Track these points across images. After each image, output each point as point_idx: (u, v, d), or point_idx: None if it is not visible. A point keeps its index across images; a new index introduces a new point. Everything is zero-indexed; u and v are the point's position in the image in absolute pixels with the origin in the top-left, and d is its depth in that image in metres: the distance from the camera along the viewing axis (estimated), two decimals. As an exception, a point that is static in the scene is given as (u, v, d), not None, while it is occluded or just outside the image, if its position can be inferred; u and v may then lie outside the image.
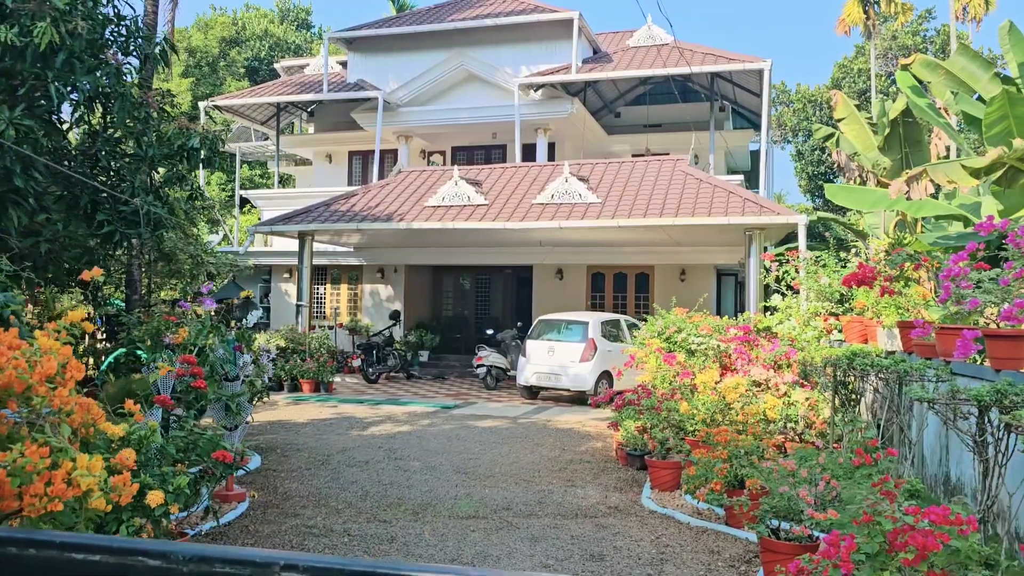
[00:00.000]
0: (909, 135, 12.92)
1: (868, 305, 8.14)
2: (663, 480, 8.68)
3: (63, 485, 2.44)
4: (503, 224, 16.19)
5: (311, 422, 13.21)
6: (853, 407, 8.79)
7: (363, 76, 23.17)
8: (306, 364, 16.96)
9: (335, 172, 25.97)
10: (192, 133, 6.97)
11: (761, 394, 10.27)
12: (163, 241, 7.79)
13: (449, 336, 23.79)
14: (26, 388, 2.57)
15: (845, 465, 6.18)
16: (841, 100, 14.68)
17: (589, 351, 15.55)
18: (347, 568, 1.09)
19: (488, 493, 8.40)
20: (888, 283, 7.32)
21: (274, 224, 18.19)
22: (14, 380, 2.57)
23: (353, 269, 23.26)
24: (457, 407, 15.09)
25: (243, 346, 7.68)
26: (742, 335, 11.74)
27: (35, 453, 2.44)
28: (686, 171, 17.08)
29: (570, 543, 6.65)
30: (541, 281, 22.05)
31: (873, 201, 10.28)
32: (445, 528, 7.03)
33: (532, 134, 21.88)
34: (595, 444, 11.62)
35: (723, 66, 19.61)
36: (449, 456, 10.39)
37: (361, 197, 18.75)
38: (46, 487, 2.44)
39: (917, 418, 7.33)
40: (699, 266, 20.45)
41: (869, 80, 35.25)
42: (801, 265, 13.13)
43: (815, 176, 37.61)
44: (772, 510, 5.82)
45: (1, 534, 1.18)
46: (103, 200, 6.64)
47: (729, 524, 7.22)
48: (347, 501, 7.94)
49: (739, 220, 14.66)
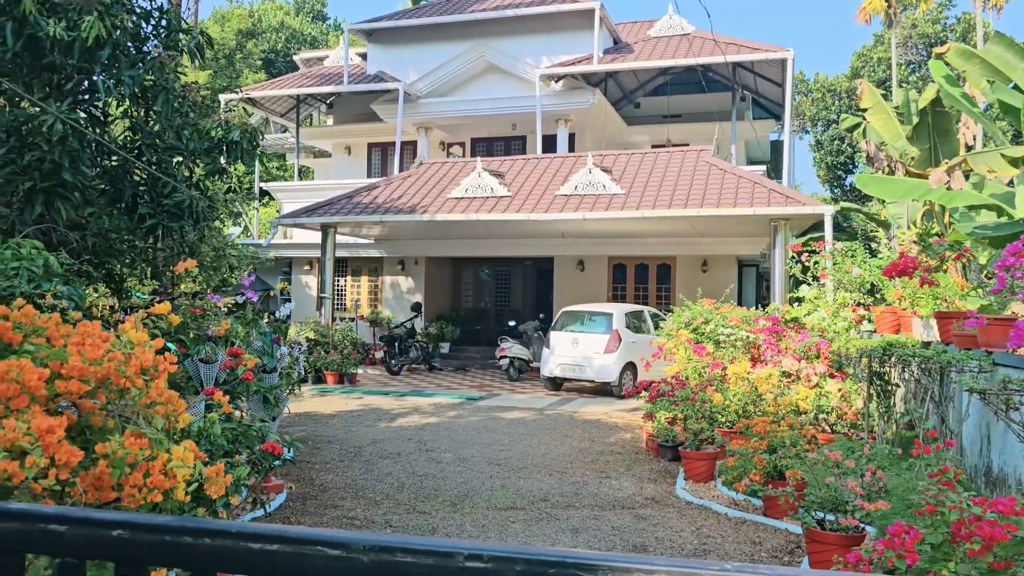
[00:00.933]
0: (938, 125, 12.79)
1: (905, 295, 8.08)
2: (697, 471, 8.67)
3: (161, 476, 2.46)
4: (527, 216, 16.18)
5: (338, 414, 13.27)
6: (888, 398, 8.75)
7: (383, 68, 23.17)
8: (330, 356, 17.03)
9: (354, 164, 26.00)
10: (232, 126, 7.00)
11: (792, 385, 10.25)
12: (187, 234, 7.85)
13: (469, 328, 23.82)
14: (122, 380, 2.60)
15: (891, 456, 6.15)
16: (867, 89, 14.55)
17: (614, 342, 15.54)
18: (534, 557, 1.10)
19: (523, 484, 8.42)
20: (927, 273, 7.28)
21: (297, 216, 18.24)
22: (112, 373, 2.59)
23: (373, 261, 23.31)
24: (482, 398, 15.13)
25: (280, 338, 7.71)
26: (770, 326, 11.69)
27: (135, 444, 2.46)
28: (710, 162, 17.01)
29: (611, 534, 6.66)
30: (562, 272, 22.03)
31: (905, 190, 10.19)
32: (485, 519, 7.05)
33: (552, 125, 21.83)
34: (624, 435, 11.62)
35: (746, 55, 19.49)
36: (480, 447, 10.42)
37: (383, 189, 18.78)
38: (145, 478, 2.46)
39: (957, 408, 7.28)
40: (721, 257, 20.38)
41: (889, 70, 34.96)
42: (829, 256, 13.06)
43: (834, 166, 37.35)
44: (818, 501, 5.80)
45: (175, 523, 1.19)
46: (143, 194, 6.68)
47: (767, 515, 7.21)
48: (384, 492, 7.98)
49: (765, 211, 14.59)
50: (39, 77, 6.21)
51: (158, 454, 2.53)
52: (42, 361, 2.63)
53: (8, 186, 5.70)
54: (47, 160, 5.57)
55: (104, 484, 2.41)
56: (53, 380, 2.52)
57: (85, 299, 4.49)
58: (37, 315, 2.91)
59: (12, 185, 5.67)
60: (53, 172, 5.63)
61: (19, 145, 5.69)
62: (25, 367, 2.42)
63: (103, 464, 2.42)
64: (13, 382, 2.36)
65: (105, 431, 2.60)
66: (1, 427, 2.19)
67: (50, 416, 2.38)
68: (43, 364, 2.60)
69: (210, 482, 2.66)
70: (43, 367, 2.52)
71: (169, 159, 6.79)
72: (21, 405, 2.37)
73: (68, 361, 2.58)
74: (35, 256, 3.95)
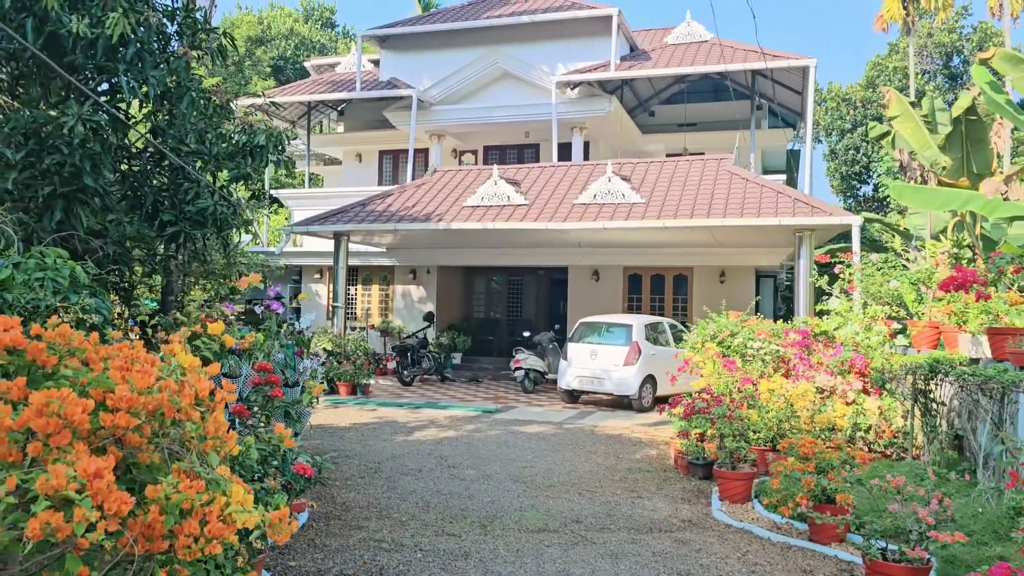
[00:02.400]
0: (972, 133, 12.48)
1: (956, 311, 7.76)
2: (734, 492, 8.33)
3: (220, 523, 2.15)
4: (545, 225, 15.87)
5: (353, 427, 12.96)
6: (933, 417, 8.42)
7: (396, 74, 22.92)
8: (343, 366, 16.71)
9: (365, 171, 25.74)
10: (258, 130, 6.70)
11: (826, 401, 9.91)
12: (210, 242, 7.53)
13: (481, 338, 23.51)
14: (175, 413, 2.29)
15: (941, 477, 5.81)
16: (895, 97, 14.25)
17: (633, 355, 15.20)
18: None
19: (553, 504, 8.09)
20: (983, 287, 6.96)
21: (310, 224, 17.95)
22: (164, 404, 2.28)
23: (384, 270, 23.01)
24: (499, 411, 14.79)
25: (304, 351, 7.40)
26: (800, 340, 11.36)
27: (191, 487, 2.15)
28: (731, 171, 16.70)
29: (653, 560, 6.32)
30: (576, 282, 21.70)
31: (943, 200, 9.88)
32: (518, 543, 6.72)
33: (567, 133, 21.55)
34: (650, 452, 11.28)
35: (767, 63, 19.20)
36: (503, 464, 10.09)
37: (397, 197, 18.49)
38: (202, 526, 2.14)
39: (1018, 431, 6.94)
40: (739, 268, 20.04)
41: (905, 79, 34.64)
42: (859, 267, 12.74)
43: (848, 176, 36.99)
44: (881, 531, 5.47)
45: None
46: (164, 199, 6.38)
47: (814, 540, 6.87)
48: (409, 512, 7.65)
49: (790, 221, 14.26)
50: (57, 77, 5.92)
51: (215, 497, 2.22)
52: (82, 389, 2.32)
53: (26, 191, 5.40)
54: (68, 164, 5.27)
55: (155, 533, 2.09)
56: (97, 411, 2.21)
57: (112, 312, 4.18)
58: (73, 334, 2.61)
59: (31, 190, 5.37)
60: (73, 176, 5.33)
61: (38, 148, 5.40)
62: (68, 399, 2.11)
63: (155, 510, 2.11)
64: (54, 416, 2.06)
65: (153, 469, 2.29)
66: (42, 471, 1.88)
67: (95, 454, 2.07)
68: (83, 392, 2.29)
69: (275, 529, 2.34)
70: (83, 395, 2.21)
71: (192, 164, 6.50)
72: (63, 442, 2.06)
73: (114, 390, 2.28)
74: (60, 266, 3.65)
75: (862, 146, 36.62)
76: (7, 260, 3.58)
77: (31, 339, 2.47)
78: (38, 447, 2.03)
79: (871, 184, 37.49)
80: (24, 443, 2.01)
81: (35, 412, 2.02)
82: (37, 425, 2.02)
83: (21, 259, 3.62)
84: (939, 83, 36.75)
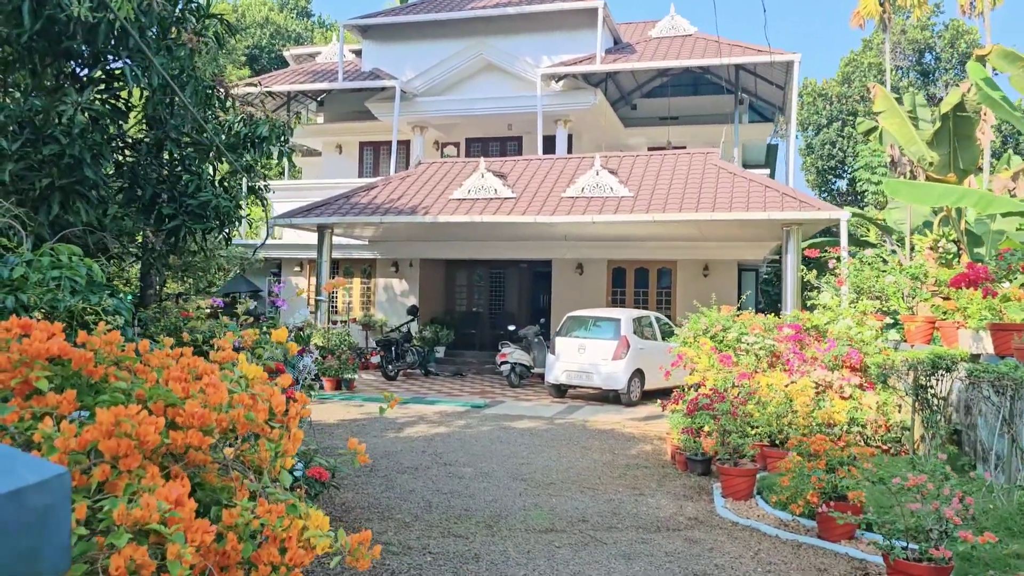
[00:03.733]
0: (960, 130, 12.54)
1: (961, 306, 7.76)
2: (737, 488, 8.28)
3: (300, 550, 1.99)
4: (533, 218, 15.74)
5: (342, 423, 12.76)
6: (934, 413, 8.43)
7: (378, 65, 22.62)
8: (327, 361, 16.47)
9: (345, 163, 25.41)
10: (260, 121, 6.47)
11: (823, 396, 9.91)
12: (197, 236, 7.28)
13: (463, 331, 23.35)
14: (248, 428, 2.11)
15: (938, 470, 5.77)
16: (880, 93, 14.29)
17: (622, 349, 15.14)
18: None
19: (556, 503, 7.99)
20: (991, 284, 6.97)
21: (293, 216, 17.65)
22: (240, 421, 2.10)
23: (366, 263, 22.74)
24: (487, 406, 14.67)
25: (304, 349, 7.21)
26: (793, 334, 11.36)
27: (270, 511, 1.97)
28: (718, 164, 16.68)
29: (667, 561, 6.24)
30: (560, 276, 21.61)
31: (938, 196, 9.90)
32: (527, 544, 6.61)
33: (552, 126, 21.41)
34: (645, 447, 11.22)
35: (751, 57, 19.20)
36: (499, 461, 9.98)
37: (382, 189, 18.24)
38: (282, 554, 1.98)
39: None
40: (723, 261, 20.08)
41: (879, 75, 34.94)
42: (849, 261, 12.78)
43: (824, 171, 37.26)
44: (903, 530, 5.42)
45: None
46: (163, 192, 6.14)
47: (823, 537, 6.83)
48: (412, 513, 7.50)
49: (779, 216, 14.27)
50: (52, 64, 5.65)
51: (293, 521, 2.05)
52: (142, 403, 2.14)
53: (22, 183, 5.14)
54: (66, 155, 5.02)
55: (230, 562, 1.92)
56: (166, 430, 2.03)
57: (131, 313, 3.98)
58: (121, 341, 2.43)
59: (27, 182, 5.11)
60: (72, 168, 5.08)
61: (34, 138, 5.14)
62: (140, 418, 1.93)
63: (232, 538, 1.94)
64: (125, 436, 1.87)
65: (220, 490, 2.13)
66: (114, 497, 1.71)
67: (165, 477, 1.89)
68: (143, 407, 2.11)
69: (355, 555, 2.17)
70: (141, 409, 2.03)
71: (192, 156, 6.26)
72: (133, 465, 1.88)
73: (180, 405, 2.10)
74: (76, 264, 3.44)
75: (838, 141, 36.90)
76: (19, 258, 3.36)
77: (76, 347, 2.28)
78: (106, 470, 1.85)
79: (846, 179, 37.81)
80: (89, 465, 1.83)
81: (104, 432, 1.85)
82: (107, 447, 1.84)
83: (33, 256, 3.40)
84: (912, 79, 37.11)
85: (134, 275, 15.23)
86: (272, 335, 3.28)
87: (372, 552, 2.25)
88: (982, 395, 6.68)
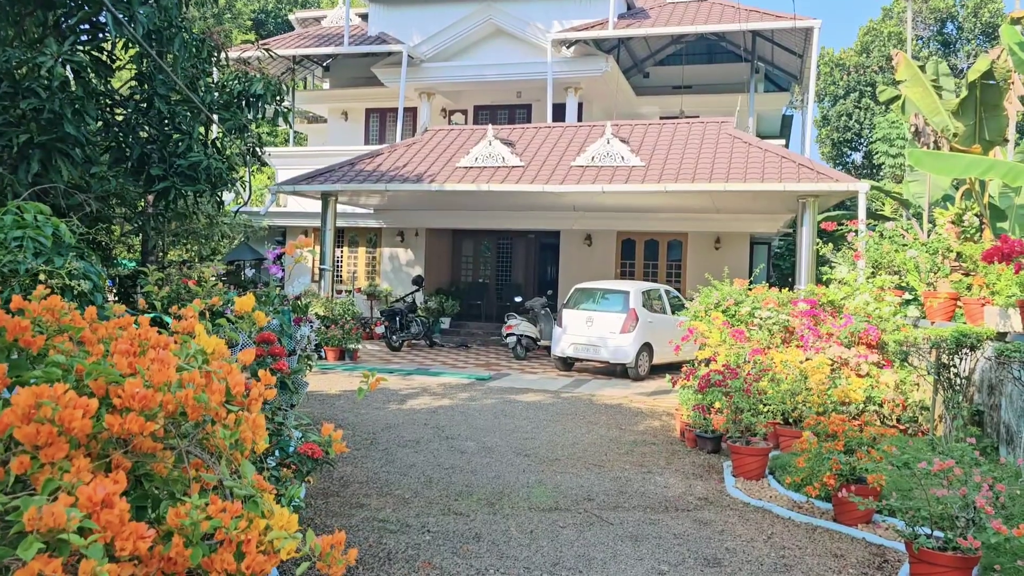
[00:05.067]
0: (987, 99, 12.08)
1: (990, 282, 7.42)
2: (748, 468, 8.01)
3: (260, 555, 1.69)
4: (541, 187, 15.36)
5: (344, 394, 12.54)
6: (957, 393, 8.12)
7: (385, 29, 22.11)
8: (331, 331, 16.23)
9: (351, 130, 24.99)
10: (255, 78, 6.13)
11: (839, 373, 9.60)
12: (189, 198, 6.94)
13: (469, 302, 23.08)
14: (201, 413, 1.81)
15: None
16: (904, 60, 13.79)
17: (630, 322, 14.83)
18: None
19: (561, 480, 7.73)
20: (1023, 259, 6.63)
21: (297, 183, 17.31)
22: (190, 403, 1.81)
23: (371, 232, 22.42)
24: (492, 379, 14.42)
25: (303, 318, 6.93)
26: (808, 309, 11.02)
27: (227, 511, 1.67)
28: (733, 134, 16.23)
29: (676, 543, 5.97)
30: (568, 247, 21.25)
31: (964, 167, 9.51)
32: (530, 523, 6.35)
33: (562, 93, 20.93)
34: (653, 423, 10.96)
35: (770, 23, 18.65)
36: (502, 435, 9.73)
37: (387, 156, 17.87)
38: (238, 560, 1.68)
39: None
40: (735, 234, 19.68)
41: (899, 44, 34.15)
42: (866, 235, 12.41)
43: (840, 143, 36.60)
44: (927, 517, 5.13)
45: None
46: (152, 152, 5.82)
47: (839, 521, 6.57)
48: (412, 489, 7.26)
49: (795, 187, 13.86)
50: (33, 14, 5.32)
51: (253, 520, 1.76)
52: (78, 380, 1.85)
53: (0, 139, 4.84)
54: (46, 110, 4.71)
55: (178, 568, 1.63)
56: (100, 411, 1.74)
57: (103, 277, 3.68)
58: (64, 308, 2.13)
59: (4, 138, 4.80)
60: (53, 124, 4.77)
61: (12, 91, 4.82)
62: (66, 399, 1.63)
63: (179, 542, 1.65)
64: (46, 421, 1.57)
65: (171, 481, 1.84)
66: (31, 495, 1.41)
67: (95, 468, 1.59)
68: (79, 385, 1.82)
69: (327, 560, 1.87)
70: (79, 388, 1.73)
71: (184, 114, 5.92)
72: (57, 456, 1.58)
73: (122, 384, 1.80)
74: (42, 223, 3.14)
75: (855, 112, 36.19)
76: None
77: (12, 314, 1.98)
78: (25, 462, 1.56)
79: (862, 151, 37.16)
80: (3, 453, 1.54)
81: (21, 417, 1.55)
82: (24, 435, 1.55)
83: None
84: (933, 49, 36.30)
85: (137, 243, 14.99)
86: (236, 304, 2.99)
87: (347, 557, 1.95)
88: (1011, 375, 6.36)
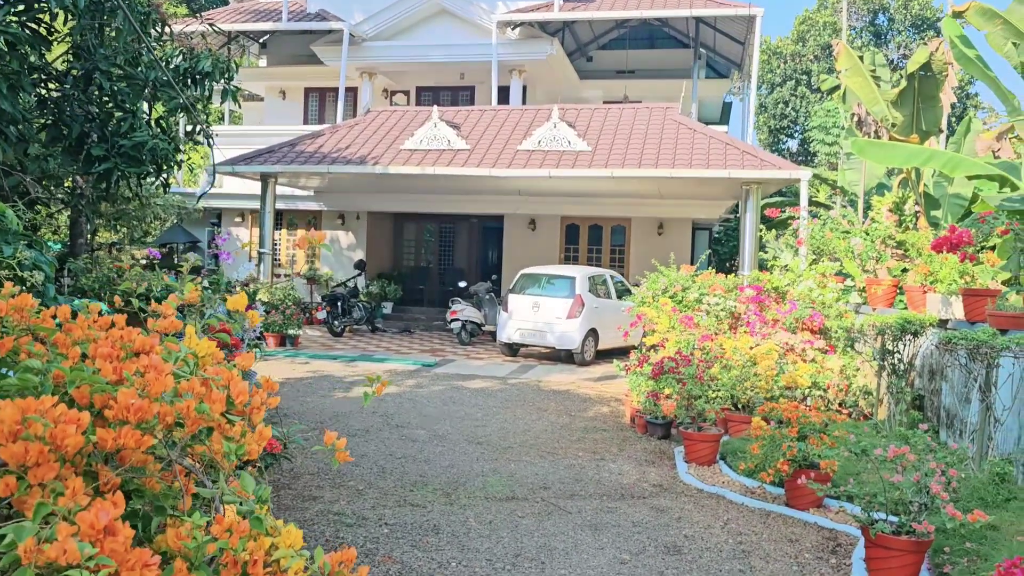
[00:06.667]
0: (924, 90, 12.39)
1: (934, 270, 7.61)
2: (700, 453, 8.10)
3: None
4: (488, 171, 15.22)
5: (287, 381, 12.24)
6: (900, 378, 8.33)
7: (325, 6, 21.56)
8: (271, 316, 15.85)
9: (289, 109, 24.36)
10: (201, 55, 5.83)
11: (786, 359, 9.77)
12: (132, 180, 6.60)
13: (411, 287, 22.82)
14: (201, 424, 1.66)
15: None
16: (844, 50, 14.04)
17: (576, 307, 14.86)
18: None
19: (515, 469, 7.68)
20: (969, 248, 6.81)
21: (236, 164, 16.79)
22: (190, 415, 1.65)
23: (311, 214, 21.95)
24: (438, 365, 14.28)
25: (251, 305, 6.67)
26: (755, 295, 11.19)
27: (235, 531, 1.52)
28: (678, 120, 16.34)
29: (635, 531, 5.98)
30: (512, 231, 21.17)
31: (905, 157, 9.72)
32: (488, 513, 6.28)
33: (506, 76, 20.76)
34: (602, 409, 11.00)
35: (714, 10, 18.79)
36: (453, 423, 9.64)
37: (329, 137, 17.47)
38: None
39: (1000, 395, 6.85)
40: (677, 220, 19.88)
41: (833, 34, 34.92)
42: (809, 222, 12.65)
43: (777, 130, 37.32)
44: (885, 503, 5.24)
45: None
46: (92, 131, 5.50)
47: (790, 505, 6.69)
48: (365, 480, 7.12)
49: (740, 174, 14.03)
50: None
51: (258, 538, 1.62)
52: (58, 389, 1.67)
53: (-76, 116, 4.48)
54: (-22, 85, 4.38)
55: (180, 591, 1.49)
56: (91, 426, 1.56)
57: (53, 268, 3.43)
58: (34, 306, 1.93)
59: (-69, 115, 4.45)
60: (-14, 99, 4.45)
61: (-61, 64, 4.48)
62: (56, 414, 1.45)
63: (182, 566, 1.50)
64: (36, 439, 1.40)
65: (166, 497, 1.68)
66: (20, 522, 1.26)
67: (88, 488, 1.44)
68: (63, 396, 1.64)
69: (325, 571, 1.74)
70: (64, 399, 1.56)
71: (126, 91, 5.60)
72: (48, 476, 1.41)
73: (111, 393, 1.63)
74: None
75: (791, 100, 36.93)
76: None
77: (-26, 315, 1.78)
78: (11, 484, 1.39)
79: (797, 139, 37.99)
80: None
81: (6, 434, 1.38)
82: (11, 454, 1.38)
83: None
84: (865, 40, 37.22)
85: (63, 223, 14.33)
86: (228, 302, 2.83)
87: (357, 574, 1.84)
88: (958, 362, 6.54)
